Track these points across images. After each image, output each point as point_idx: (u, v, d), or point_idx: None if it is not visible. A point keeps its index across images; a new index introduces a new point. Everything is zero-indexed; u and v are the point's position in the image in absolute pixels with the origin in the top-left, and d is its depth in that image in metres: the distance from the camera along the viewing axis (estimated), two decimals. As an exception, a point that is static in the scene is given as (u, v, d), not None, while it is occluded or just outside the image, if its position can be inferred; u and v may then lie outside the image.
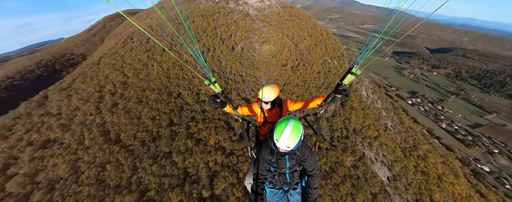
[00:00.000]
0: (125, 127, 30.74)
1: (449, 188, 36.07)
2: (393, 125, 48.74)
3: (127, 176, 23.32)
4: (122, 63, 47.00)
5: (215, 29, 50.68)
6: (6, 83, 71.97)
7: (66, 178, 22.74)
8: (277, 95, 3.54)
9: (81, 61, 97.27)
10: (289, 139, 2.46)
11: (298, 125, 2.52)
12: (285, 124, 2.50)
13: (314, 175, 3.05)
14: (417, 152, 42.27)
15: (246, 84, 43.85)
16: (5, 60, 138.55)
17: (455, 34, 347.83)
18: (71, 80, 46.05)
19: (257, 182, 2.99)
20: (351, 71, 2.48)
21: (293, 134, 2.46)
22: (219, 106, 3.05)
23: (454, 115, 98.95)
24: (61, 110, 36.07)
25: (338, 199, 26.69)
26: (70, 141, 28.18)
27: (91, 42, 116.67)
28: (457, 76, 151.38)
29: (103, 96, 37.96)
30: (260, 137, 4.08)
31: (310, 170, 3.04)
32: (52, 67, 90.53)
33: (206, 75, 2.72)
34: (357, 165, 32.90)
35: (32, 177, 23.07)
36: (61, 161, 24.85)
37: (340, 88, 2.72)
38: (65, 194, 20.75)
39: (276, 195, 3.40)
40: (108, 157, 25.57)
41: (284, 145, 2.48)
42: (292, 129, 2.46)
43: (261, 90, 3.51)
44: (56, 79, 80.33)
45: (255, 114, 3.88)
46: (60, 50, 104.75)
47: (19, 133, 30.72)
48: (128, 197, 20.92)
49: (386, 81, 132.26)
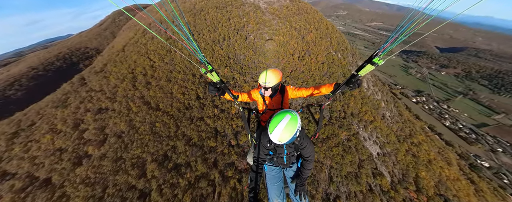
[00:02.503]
0: (161, 99, 39.34)
1: (437, 170, 41.13)
2: (391, 116, 53.67)
3: (173, 130, 31.82)
4: (146, 50, 55.81)
5: (229, 20, 59.32)
6: (32, 73, 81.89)
7: (127, 131, 31.35)
8: (279, 81, 3.40)
9: (96, 54, 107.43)
10: (281, 134, 2.51)
11: (294, 120, 2.54)
12: (280, 118, 2.54)
13: (309, 160, 3.28)
14: (411, 140, 46.87)
15: (258, 69, 52.25)
16: (19, 55, 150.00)
17: (468, 33, 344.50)
18: (102, 65, 55.04)
19: (257, 164, 3.24)
20: (371, 61, 2.19)
21: (287, 130, 2.50)
22: (219, 94, 2.93)
23: (460, 114, 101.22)
24: (102, 87, 44.92)
25: (330, 156, 34.69)
26: (120, 108, 36.86)
27: (102, 36, 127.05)
28: (466, 76, 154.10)
29: (136, 76, 46.73)
30: (262, 122, 4.07)
31: (307, 156, 3.26)
32: (70, 60, 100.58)
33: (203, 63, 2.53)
34: (350, 139, 39.99)
35: (101, 130, 31.75)
36: (118, 121, 33.50)
37: (354, 79, 2.62)
38: (132, 139, 29.32)
39: (274, 170, 3.75)
40: (155, 118, 34.13)
41: (276, 139, 2.55)
42: (286, 125, 2.50)
43: (262, 74, 3.37)
44: (75, 70, 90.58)
45: (255, 100, 3.84)
46: (75, 44, 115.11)
47: (74, 103, 39.57)
48: (178, 142, 29.40)
49: (392, 79, 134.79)
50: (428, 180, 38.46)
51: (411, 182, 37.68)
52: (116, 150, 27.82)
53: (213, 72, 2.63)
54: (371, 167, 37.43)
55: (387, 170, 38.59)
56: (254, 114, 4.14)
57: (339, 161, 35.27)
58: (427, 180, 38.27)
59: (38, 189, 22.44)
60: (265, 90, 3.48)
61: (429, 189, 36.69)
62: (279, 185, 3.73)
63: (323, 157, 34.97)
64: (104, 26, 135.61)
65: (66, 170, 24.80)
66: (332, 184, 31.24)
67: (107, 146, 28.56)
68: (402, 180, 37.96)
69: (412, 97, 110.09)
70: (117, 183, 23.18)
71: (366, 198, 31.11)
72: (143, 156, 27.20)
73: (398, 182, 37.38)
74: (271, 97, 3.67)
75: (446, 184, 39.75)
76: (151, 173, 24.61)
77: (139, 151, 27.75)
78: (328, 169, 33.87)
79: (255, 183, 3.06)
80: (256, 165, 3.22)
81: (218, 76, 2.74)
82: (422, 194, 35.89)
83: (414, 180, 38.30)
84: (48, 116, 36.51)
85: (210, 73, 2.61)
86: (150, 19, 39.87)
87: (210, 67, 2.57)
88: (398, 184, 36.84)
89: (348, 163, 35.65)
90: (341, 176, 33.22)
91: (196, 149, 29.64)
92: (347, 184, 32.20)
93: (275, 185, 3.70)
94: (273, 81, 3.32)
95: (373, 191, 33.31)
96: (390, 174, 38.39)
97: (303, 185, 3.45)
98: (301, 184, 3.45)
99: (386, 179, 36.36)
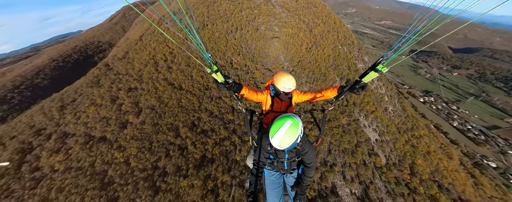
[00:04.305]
0: (183, 81, 45.72)
1: (435, 160, 42.76)
2: (394, 110, 56.04)
3: (197, 105, 38.07)
4: (164, 39, 62.34)
5: (241, 12, 65.52)
6: (53, 64, 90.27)
7: (158, 105, 37.78)
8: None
9: (108, 48, 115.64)
10: (282, 139, 2.55)
11: (295, 126, 2.56)
12: (281, 123, 2.57)
13: (311, 167, 3.30)
14: (412, 132, 48.62)
15: (268, 58, 58.24)
16: (36, 50, 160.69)
17: (485, 33, 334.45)
18: (124, 52, 62.01)
19: (257, 167, 3.23)
20: (375, 68, 2.32)
21: (288, 135, 2.53)
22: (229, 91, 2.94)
23: (470, 116, 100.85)
24: (128, 71, 51.67)
25: (330, 135, 39.80)
26: (148, 88, 43.39)
27: (113, 30, 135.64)
28: (480, 77, 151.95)
29: (158, 62, 53.32)
30: (264, 125, 4.11)
31: (308, 163, 3.29)
32: (85, 52, 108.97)
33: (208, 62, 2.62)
34: (350, 124, 43.41)
35: (135, 104, 38.27)
36: (149, 97, 39.98)
37: (358, 86, 2.69)
38: (163, 111, 35.74)
39: (274, 176, 3.74)
40: (180, 96, 40.46)
41: (276, 144, 2.60)
42: (287, 130, 2.53)
43: (279, 78, 3.45)
44: (90, 63, 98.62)
45: (261, 101, 3.81)
46: (89, 38, 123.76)
47: (107, 84, 46.35)
48: (202, 114, 35.62)
49: (399, 79, 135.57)
50: (424, 167, 39.94)
51: (406, 167, 39.63)
52: (152, 118, 34.19)
53: (218, 73, 2.66)
54: (368, 148, 40.24)
55: (383, 153, 40.79)
56: (256, 115, 4.21)
57: (338, 138, 39.91)
58: (422, 167, 39.79)
59: (98, 143, 28.95)
60: (285, 94, 3.58)
61: (423, 174, 38.34)
62: (279, 191, 3.76)
63: (324, 134, 39.80)
64: (115, 21, 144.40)
65: (115, 131, 31.28)
66: (330, 154, 36.60)
67: (144, 115, 34.98)
68: (398, 165, 39.72)
69: (419, 97, 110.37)
70: (159, 140, 29.45)
71: (359, 169, 35.74)
72: (175, 123, 33.44)
73: (393, 164, 39.41)
74: (281, 100, 3.75)
75: (443, 173, 41.19)
76: (184, 134, 30.76)
77: (171, 120, 34.05)
78: (328, 143, 39.12)
79: (254, 187, 3.10)
80: (257, 168, 3.23)
81: (222, 77, 2.74)
82: (415, 177, 37.80)
83: (410, 166, 40.09)
84: (86, 93, 43.34)
85: (215, 74, 2.65)
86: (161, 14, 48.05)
87: (215, 67, 2.63)
88: (393, 166, 38.94)
89: (346, 141, 39.31)
90: (339, 150, 37.83)
91: (217, 120, 35.74)
92: (343, 157, 36.93)
93: (274, 191, 3.73)
94: (293, 86, 3.45)
95: (366, 165, 36.90)
96: (386, 157, 40.76)
97: (304, 194, 3.49)
98: (302, 193, 3.49)
99: (380, 159, 39.17)
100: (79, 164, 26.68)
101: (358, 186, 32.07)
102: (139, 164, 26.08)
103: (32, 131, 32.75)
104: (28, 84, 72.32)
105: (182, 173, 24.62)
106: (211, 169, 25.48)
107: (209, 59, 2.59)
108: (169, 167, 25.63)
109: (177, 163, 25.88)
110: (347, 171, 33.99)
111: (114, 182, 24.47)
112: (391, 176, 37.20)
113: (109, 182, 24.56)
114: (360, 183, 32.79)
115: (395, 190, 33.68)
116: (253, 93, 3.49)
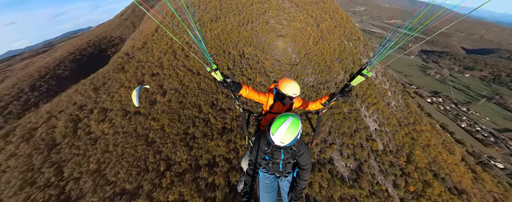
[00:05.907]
0: (200, 68, 51.74)
1: (434, 153, 44.76)
2: (396, 105, 58.96)
3: (214, 88, 44.11)
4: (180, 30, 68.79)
5: (252, 5, 71.33)
6: (71, 57, 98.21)
7: (180, 87, 43.87)
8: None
9: (120, 43, 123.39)
10: (284, 135, 2.75)
11: (296, 123, 2.79)
12: (283, 120, 2.79)
13: (306, 169, 3.44)
14: (414, 127, 50.65)
15: (277, 50, 63.85)
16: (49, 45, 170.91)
17: (503, 33, 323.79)
18: (142, 42, 68.50)
19: (254, 167, 3.37)
20: (361, 73, 2.63)
21: (289, 132, 2.74)
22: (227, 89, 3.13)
23: (481, 118, 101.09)
24: (148, 59, 58.08)
25: (332, 120, 44.60)
26: (169, 73, 49.58)
27: (124, 25, 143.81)
28: (494, 79, 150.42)
29: (175, 51, 59.53)
30: (261, 126, 4.28)
31: (303, 165, 3.43)
32: (99, 47, 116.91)
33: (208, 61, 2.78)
34: (351, 112, 47.48)
35: (160, 86, 44.53)
36: (171, 81, 46.14)
37: (347, 89, 2.94)
38: (186, 92, 41.90)
39: (268, 178, 3.84)
40: (199, 80, 46.50)
41: (278, 140, 2.80)
42: (289, 126, 2.74)
43: (286, 84, 3.65)
44: (105, 56, 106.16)
45: (262, 102, 3.96)
46: (101, 32, 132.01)
47: (132, 70, 52.79)
48: (220, 96, 41.54)
49: (407, 79, 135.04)
50: (421, 158, 42.30)
51: (404, 155, 42.17)
52: (177, 97, 40.30)
53: (217, 72, 2.84)
54: (366, 134, 43.63)
55: (381, 141, 43.74)
56: (254, 116, 4.39)
57: (338, 123, 44.54)
58: (420, 157, 42.15)
59: (134, 115, 35.10)
60: (290, 99, 3.81)
61: (419, 163, 40.54)
62: (272, 195, 3.83)
63: (326, 119, 44.89)
64: (125, 16, 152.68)
65: (147, 107, 37.56)
66: (330, 135, 41.67)
67: (169, 95, 41.13)
68: (395, 152, 42.25)
69: (427, 97, 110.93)
70: (185, 114, 35.57)
71: (356, 149, 40.28)
72: (197, 102, 39.45)
73: (390, 151, 42.02)
74: (283, 104, 3.91)
75: (440, 164, 43.25)
76: (206, 110, 36.68)
77: (194, 99, 40.10)
78: (329, 126, 43.98)
79: (249, 187, 3.18)
80: (253, 168, 3.34)
81: (221, 76, 2.93)
82: (411, 164, 40.22)
83: (407, 155, 42.54)
84: (114, 78, 49.88)
85: (214, 72, 2.84)
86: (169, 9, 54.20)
87: (215, 66, 2.82)
88: (389, 152, 41.54)
89: (346, 126, 43.57)
90: (338, 133, 42.42)
91: (233, 101, 41.50)
92: (342, 138, 41.55)
93: (268, 195, 3.79)
94: (299, 91, 3.69)
95: (363, 147, 40.96)
96: (384, 144, 43.77)
97: (298, 198, 3.58)
98: (296, 198, 3.58)
99: (377, 143, 42.38)
100: (124, 129, 33.26)
101: (353, 161, 37.03)
102: (173, 130, 32.18)
103: (76, 106, 39.35)
104: (52, 74, 80.00)
105: (209, 137, 30.57)
106: (231, 136, 31.29)
107: (210, 59, 2.82)
108: (197, 133, 31.69)
109: (203, 131, 31.87)
110: (345, 149, 38.94)
111: (156, 142, 30.86)
112: (386, 159, 40.61)
113: (152, 141, 31.13)
114: (355, 159, 37.71)
115: (388, 170, 38.16)
116: (255, 93, 3.69)
